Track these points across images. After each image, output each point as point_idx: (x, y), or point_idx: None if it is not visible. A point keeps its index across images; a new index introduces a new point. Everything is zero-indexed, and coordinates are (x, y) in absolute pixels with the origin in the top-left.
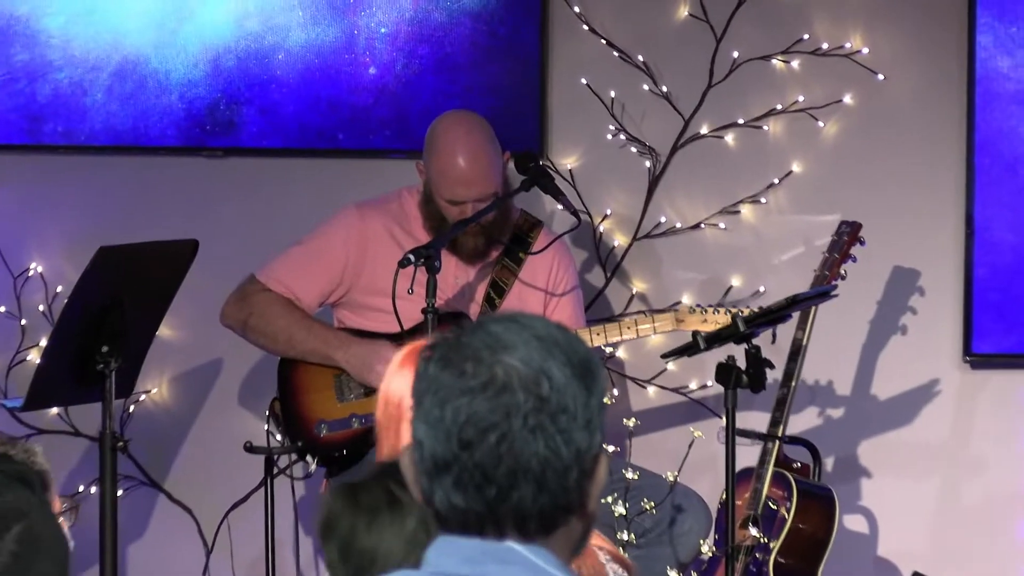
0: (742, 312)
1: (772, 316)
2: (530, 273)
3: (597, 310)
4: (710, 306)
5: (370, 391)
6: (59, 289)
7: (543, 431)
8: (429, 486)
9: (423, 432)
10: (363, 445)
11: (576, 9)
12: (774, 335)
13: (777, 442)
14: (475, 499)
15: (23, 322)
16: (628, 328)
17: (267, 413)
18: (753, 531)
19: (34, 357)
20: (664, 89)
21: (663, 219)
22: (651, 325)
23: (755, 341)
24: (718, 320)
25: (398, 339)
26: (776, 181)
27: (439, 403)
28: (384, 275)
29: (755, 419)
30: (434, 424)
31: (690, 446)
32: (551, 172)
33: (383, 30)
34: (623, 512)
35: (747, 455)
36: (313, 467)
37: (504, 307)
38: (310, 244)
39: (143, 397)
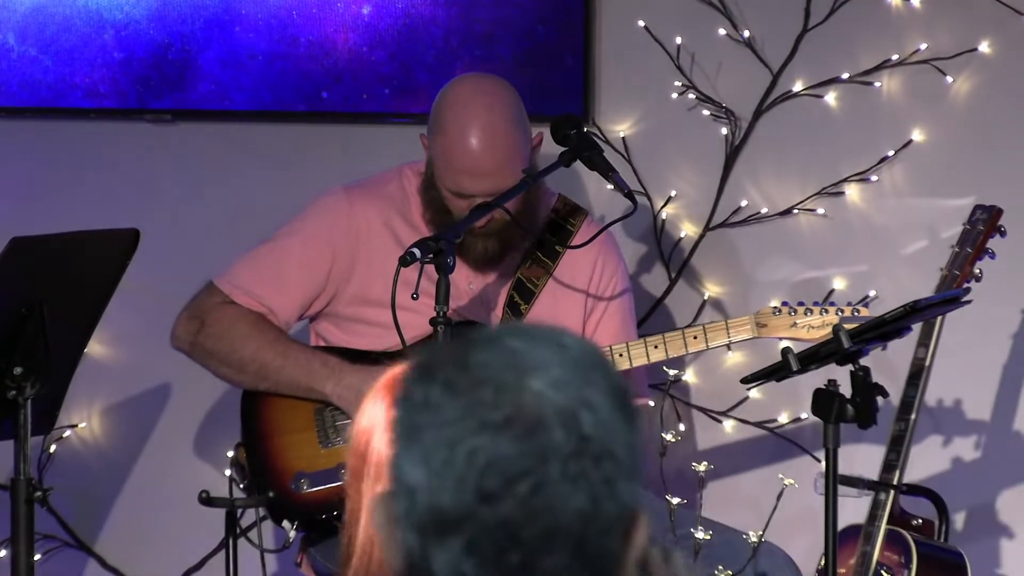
0: (845, 315)
1: (886, 328)
2: (567, 272)
3: (657, 322)
4: (800, 304)
5: None
6: None
7: (586, 480)
8: (425, 548)
9: (419, 477)
10: None
11: None
12: (884, 348)
13: (892, 492)
14: (492, 567)
15: None
16: (695, 338)
17: (230, 456)
18: None
19: None
20: (746, 34)
21: (744, 203)
22: (724, 332)
23: (863, 361)
24: (811, 324)
25: (399, 359)
26: (891, 154)
27: (447, 442)
28: (379, 280)
29: (863, 462)
30: (440, 469)
31: (779, 497)
32: (598, 142)
33: None
34: None
35: (853, 508)
36: (292, 534)
37: (533, 314)
38: (285, 240)
39: (68, 433)
